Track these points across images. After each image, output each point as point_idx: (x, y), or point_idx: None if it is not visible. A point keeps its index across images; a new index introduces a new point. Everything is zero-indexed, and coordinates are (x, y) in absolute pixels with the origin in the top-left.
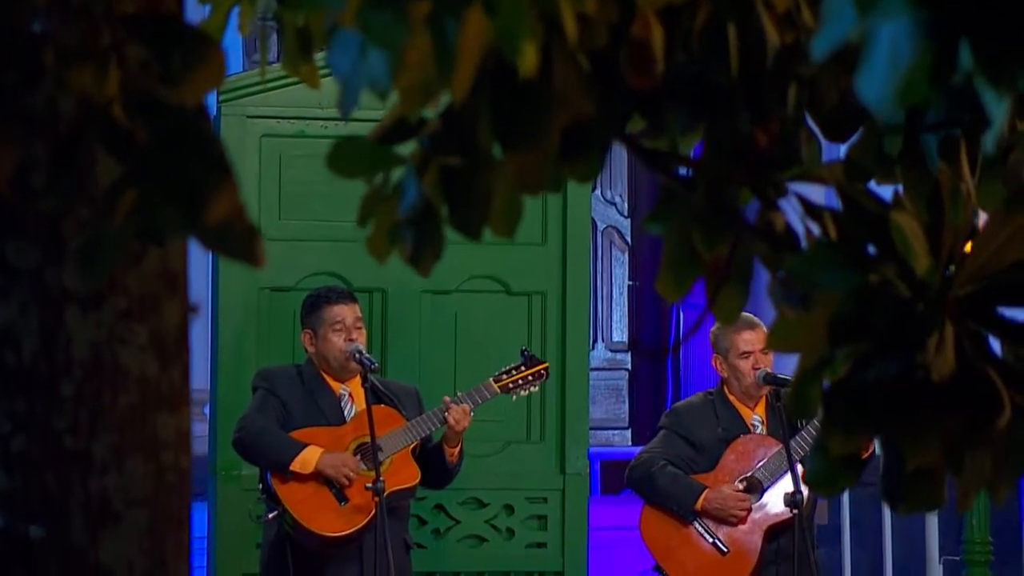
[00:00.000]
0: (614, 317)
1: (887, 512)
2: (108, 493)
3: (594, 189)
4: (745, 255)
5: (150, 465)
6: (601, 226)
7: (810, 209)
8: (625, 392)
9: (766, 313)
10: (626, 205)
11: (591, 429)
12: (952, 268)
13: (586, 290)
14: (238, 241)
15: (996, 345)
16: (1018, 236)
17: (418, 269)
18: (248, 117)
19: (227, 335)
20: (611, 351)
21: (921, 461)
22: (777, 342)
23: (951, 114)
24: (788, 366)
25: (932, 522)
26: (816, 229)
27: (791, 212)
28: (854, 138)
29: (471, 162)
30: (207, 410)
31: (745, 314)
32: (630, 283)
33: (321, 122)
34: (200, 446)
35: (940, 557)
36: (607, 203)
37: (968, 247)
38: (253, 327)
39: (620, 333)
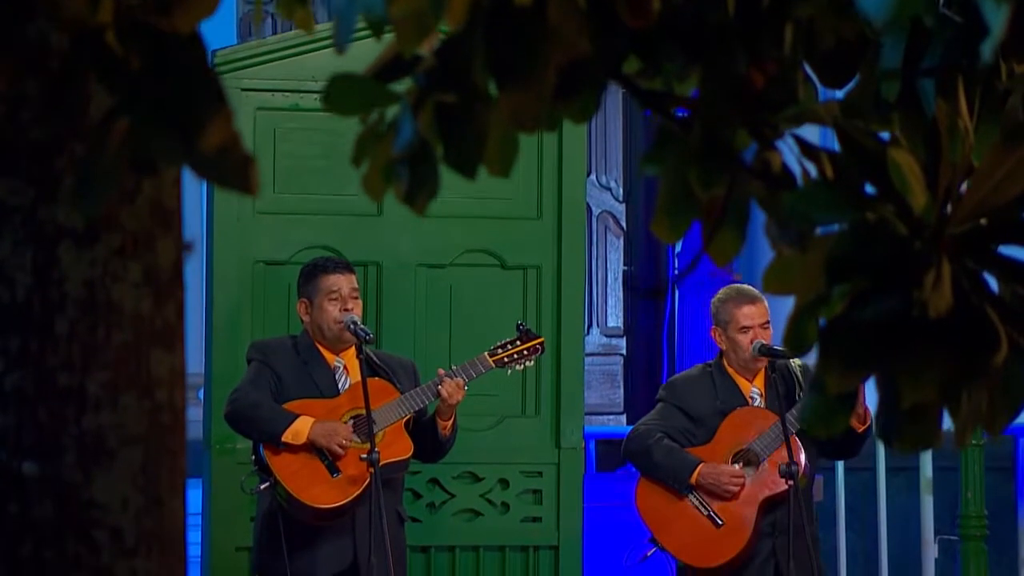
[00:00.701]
0: (609, 302)
1: (883, 496)
2: (102, 430)
3: (589, 174)
4: (741, 196)
5: (144, 403)
6: (596, 211)
7: (807, 149)
8: (620, 377)
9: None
10: (621, 190)
11: (585, 415)
12: (949, 206)
13: (582, 264)
14: (233, 169)
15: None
16: (1015, 173)
17: (413, 207)
18: (243, 90)
19: (221, 309)
20: (606, 336)
21: (917, 398)
22: (773, 283)
23: (948, 58)
24: (781, 331)
25: (927, 503)
26: (813, 170)
27: (788, 154)
28: (851, 85)
29: (466, 99)
30: (201, 394)
31: (747, 287)
32: (625, 268)
33: (316, 95)
34: (194, 430)
35: (935, 537)
36: (602, 188)
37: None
38: (247, 301)
39: (615, 318)
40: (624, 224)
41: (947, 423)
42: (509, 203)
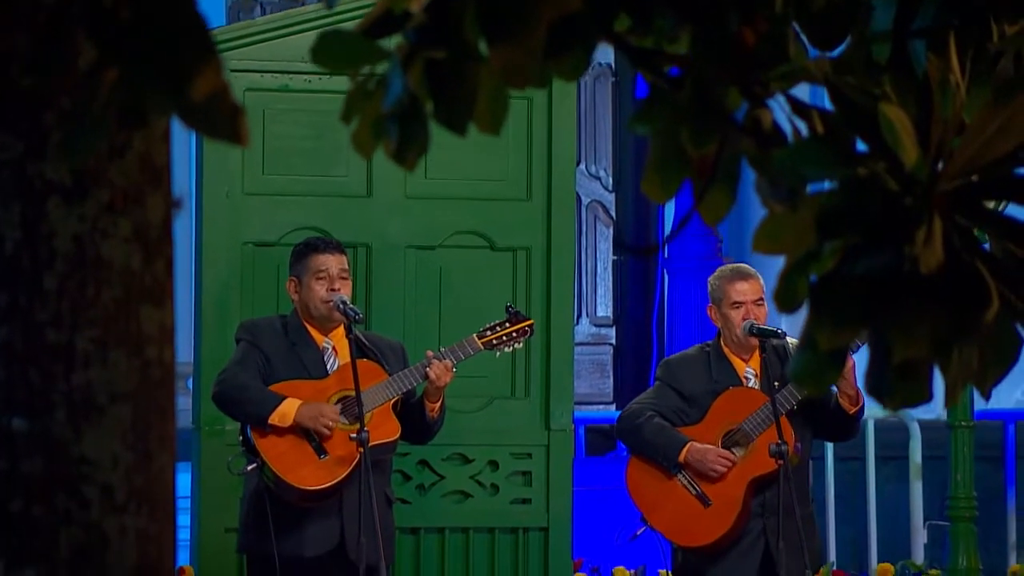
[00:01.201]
0: (598, 292)
1: (872, 485)
2: (91, 387)
3: (578, 164)
4: (732, 154)
5: (134, 359)
6: (585, 200)
7: (797, 107)
8: (610, 367)
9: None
10: (610, 179)
11: (575, 404)
12: (941, 162)
13: (571, 245)
14: (222, 119)
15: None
16: (1006, 129)
17: (403, 165)
18: (232, 71)
19: (210, 290)
20: (595, 326)
21: (908, 354)
22: (763, 243)
23: (940, 19)
24: (782, 321)
25: (916, 489)
26: (804, 128)
27: (779, 114)
28: (841, 48)
29: (457, 56)
30: (190, 383)
31: (743, 266)
32: (614, 258)
33: (305, 76)
34: (183, 419)
35: (925, 523)
36: (591, 177)
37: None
38: (236, 282)
39: (604, 308)
40: (613, 213)
41: (939, 411)
42: (498, 184)
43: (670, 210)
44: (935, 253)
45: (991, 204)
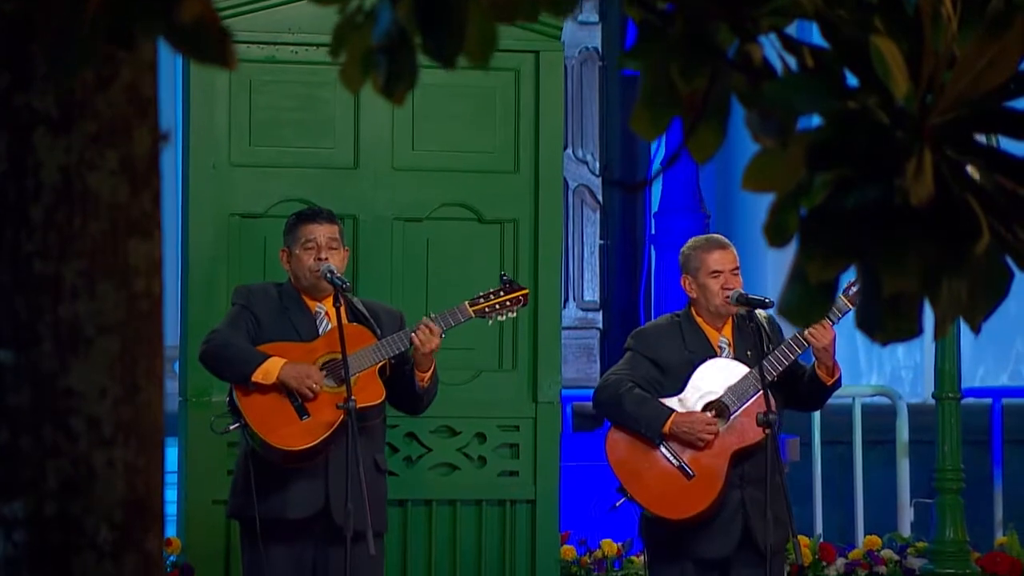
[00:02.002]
0: (585, 276)
1: (859, 469)
2: (79, 319)
3: (565, 148)
4: (722, 90)
5: (121, 292)
6: (572, 185)
7: (788, 43)
8: (596, 352)
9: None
10: (597, 164)
11: (562, 388)
12: (932, 96)
13: (559, 218)
14: (210, 44)
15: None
16: (997, 63)
17: (391, 98)
18: None
19: (197, 262)
20: (582, 310)
21: (898, 287)
22: (752, 180)
23: None
24: (759, 290)
25: (904, 467)
26: (794, 64)
27: (770, 51)
28: None
29: None
30: (176, 367)
31: (716, 235)
32: (601, 242)
33: (291, 47)
34: (170, 403)
35: (911, 500)
36: (579, 162)
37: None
38: (223, 254)
39: (591, 292)
40: (600, 198)
41: (925, 394)
42: (486, 157)
43: (657, 191)
44: (925, 186)
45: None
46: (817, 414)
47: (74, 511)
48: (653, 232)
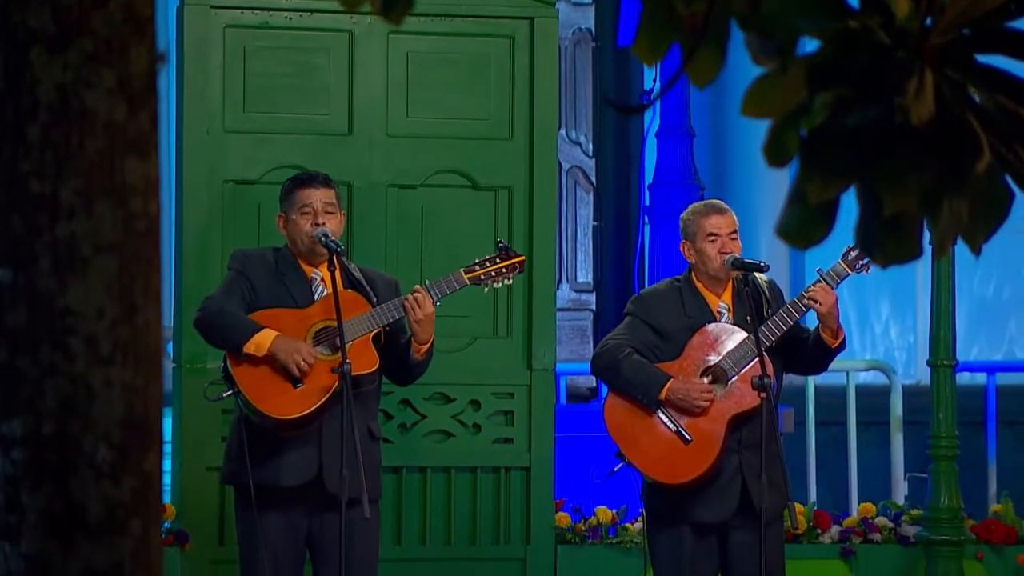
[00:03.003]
0: (579, 258)
1: (853, 451)
2: (76, 238)
3: (558, 128)
4: (722, 12)
5: (119, 211)
6: (566, 166)
7: None
8: (590, 333)
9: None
10: (591, 145)
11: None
12: (932, 16)
13: (553, 185)
14: None
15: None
16: None
17: (389, 20)
18: (212, 7)
19: (191, 228)
20: (576, 292)
21: (898, 206)
22: (752, 106)
23: None
24: (756, 256)
25: (897, 441)
26: None
27: None
28: None
29: None
30: (171, 348)
31: (715, 201)
32: (595, 224)
33: (285, 13)
34: (166, 383)
35: (905, 475)
36: (572, 143)
37: None
38: (217, 220)
39: (585, 274)
40: (594, 179)
41: (918, 375)
42: (481, 124)
43: (650, 166)
44: (926, 105)
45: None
46: (812, 394)
47: (72, 430)
48: (648, 204)
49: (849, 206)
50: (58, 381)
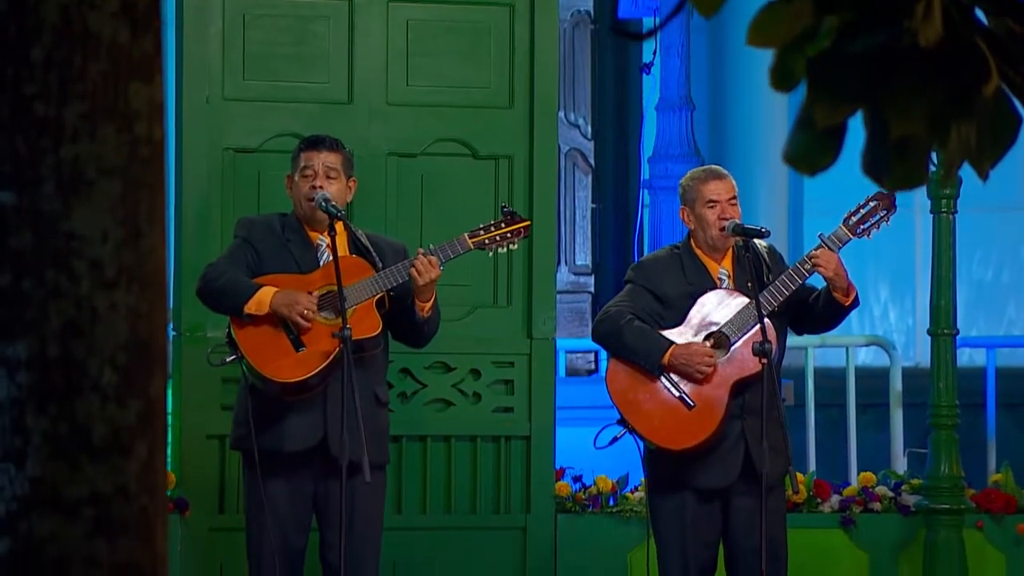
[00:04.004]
0: (577, 240)
1: (852, 432)
2: (80, 161)
3: (557, 111)
4: None
5: (123, 135)
6: (564, 149)
7: None
8: (588, 315)
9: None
10: (589, 128)
11: None
12: None
13: (554, 154)
14: None
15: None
16: None
17: None
18: None
19: (190, 197)
20: (574, 274)
21: (906, 130)
22: (757, 36)
23: None
24: (759, 214)
25: (897, 417)
26: None
27: None
28: None
29: None
30: (171, 329)
31: (715, 166)
32: (593, 206)
33: None
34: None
35: (904, 450)
36: (571, 126)
37: None
38: (217, 189)
39: (583, 256)
40: (592, 162)
41: (916, 357)
42: (481, 92)
43: (649, 141)
44: (934, 28)
45: None
46: (810, 377)
47: (77, 353)
48: (647, 177)
49: (856, 131)
50: (62, 304)
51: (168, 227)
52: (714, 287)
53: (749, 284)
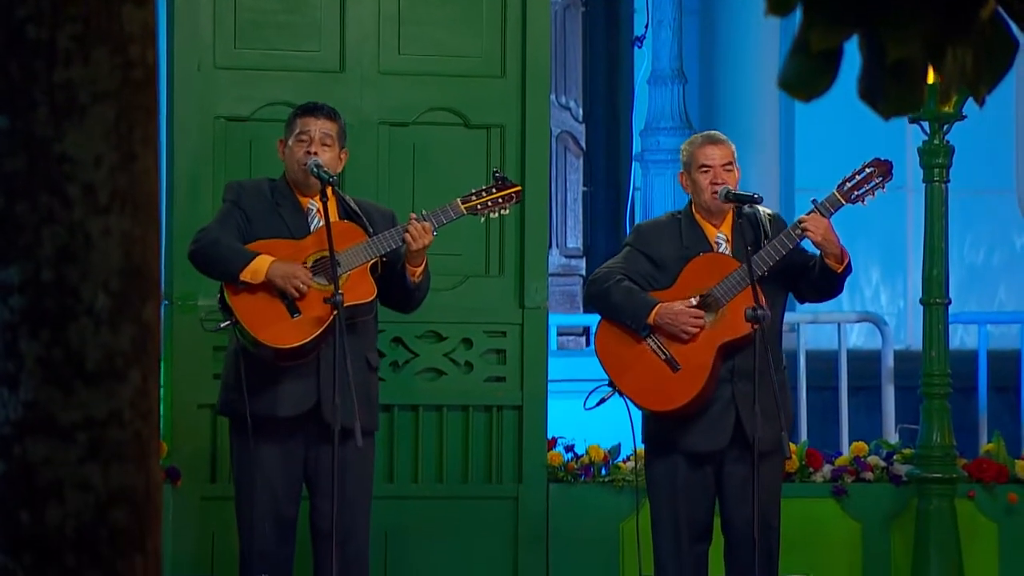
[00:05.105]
0: (568, 223)
1: (844, 414)
2: (73, 85)
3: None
4: None
5: (116, 58)
6: (556, 132)
7: None
8: (579, 298)
9: None
10: (581, 111)
11: None
12: None
13: (546, 123)
14: None
15: None
16: None
17: None
18: None
19: (182, 164)
20: (566, 257)
21: (902, 54)
22: None
23: None
24: (750, 188)
25: (888, 393)
26: None
27: None
28: None
29: None
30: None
31: (713, 131)
32: (585, 189)
33: None
34: None
35: (896, 426)
36: (562, 108)
37: None
38: (208, 157)
39: (575, 239)
40: (584, 145)
41: (907, 340)
42: (473, 61)
43: (640, 116)
44: None
45: None
46: (802, 359)
47: (71, 278)
48: (639, 151)
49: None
50: (56, 228)
51: (159, 153)
52: (710, 251)
53: (749, 249)
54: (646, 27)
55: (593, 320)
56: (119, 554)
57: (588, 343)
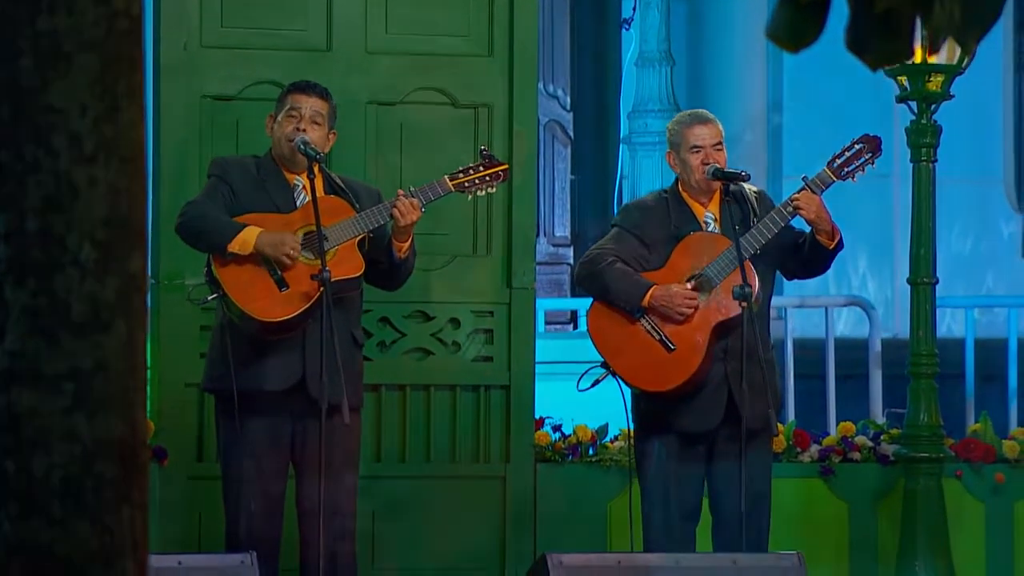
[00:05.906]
0: (556, 212)
1: (832, 403)
2: (57, 34)
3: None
4: None
5: (101, 8)
6: (543, 120)
7: None
8: (567, 287)
9: None
10: (568, 99)
11: None
12: None
13: (533, 102)
14: None
15: None
16: None
17: None
18: None
19: (168, 144)
20: (553, 246)
21: (889, 2)
22: None
23: None
24: (739, 166)
25: (876, 377)
26: None
27: None
28: None
29: None
30: (150, 301)
31: (701, 111)
32: (572, 177)
33: None
34: None
35: (884, 410)
36: (549, 97)
37: None
38: (195, 136)
39: (562, 228)
40: (571, 133)
41: (895, 329)
42: (460, 40)
43: (629, 92)
44: None
45: None
46: (790, 347)
47: (56, 228)
48: (626, 133)
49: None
50: (41, 178)
51: (145, 106)
52: (699, 231)
53: (737, 228)
54: (634, 9)
55: (581, 304)
56: (106, 505)
57: (575, 328)
